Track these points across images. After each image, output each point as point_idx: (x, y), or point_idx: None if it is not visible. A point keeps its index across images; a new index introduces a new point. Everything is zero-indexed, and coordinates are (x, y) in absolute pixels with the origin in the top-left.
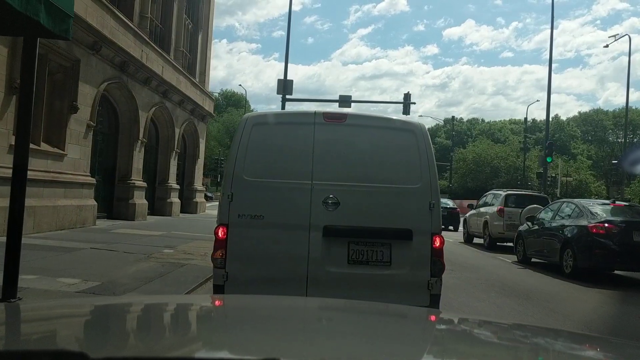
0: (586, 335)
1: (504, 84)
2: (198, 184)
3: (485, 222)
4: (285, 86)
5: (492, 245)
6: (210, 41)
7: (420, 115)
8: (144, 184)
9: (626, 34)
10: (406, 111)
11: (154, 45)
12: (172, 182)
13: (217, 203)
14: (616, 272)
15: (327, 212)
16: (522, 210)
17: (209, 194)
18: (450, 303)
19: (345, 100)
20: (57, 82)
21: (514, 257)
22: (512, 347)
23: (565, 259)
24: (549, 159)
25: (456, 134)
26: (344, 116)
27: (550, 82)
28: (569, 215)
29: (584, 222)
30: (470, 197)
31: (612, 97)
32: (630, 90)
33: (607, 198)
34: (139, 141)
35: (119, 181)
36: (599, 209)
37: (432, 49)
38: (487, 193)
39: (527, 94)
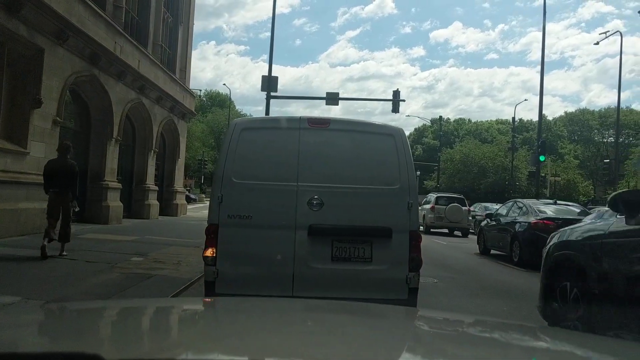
0: (557, 329)
1: (490, 85)
2: (178, 185)
3: (424, 215)
4: (269, 83)
5: (428, 231)
6: (191, 37)
7: (408, 115)
8: (119, 185)
9: (617, 31)
10: (395, 109)
11: (128, 37)
12: (150, 183)
13: (200, 205)
14: None
15: (312, 212)
16: (446, 207)
17: (192, 196)
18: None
19: (332, 98)
20: (17, 73)
21: (476, 249)
22: (492, 344)
23: (514, 250)
24: (541, 158)
25: (443, 134)
26: (327, 121)
27: (542, 80)
28: (519, 213)
29: (528, 219)
30: None
31: (596, 98)
32: (613, 91)
33: (594, 198)
34: (113, 139)
35: (91, 182)
36: (544, 207)
37: (419, 51)
38: (429, 194)
39: (513, 95)
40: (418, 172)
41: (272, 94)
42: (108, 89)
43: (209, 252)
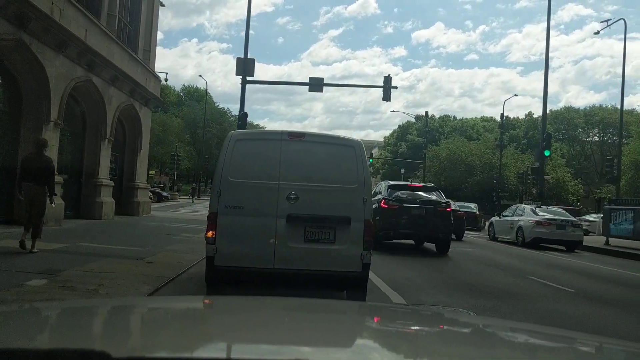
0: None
1: (470, 86)
2: (141, 180)
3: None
4: (245, 66)
5: None
6: (157, 15)
7: (393, 111)
8: (59, 179)
9: (621, 19)
10: (386, 97)
11: (72, 0)
12: (104, 177)
13: (172, 203)
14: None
15: (290, 204)
16: None
17: (164, 193)
18: None
19: (316, 84)
20: None
21: None
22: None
23: None
24: (547, 153)
25: (428, 131)
26: (303, 135)
27: (547, 70)
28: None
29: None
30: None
31: (573, 100)
32: (590, 92)
33: (580, 198)
34: (52, 123)
35: None
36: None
37: (400, 51)
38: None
39: (493, 96)
40: (403, 170)
41: (249, 78)
42: (44, 61)
43: (210, 234)
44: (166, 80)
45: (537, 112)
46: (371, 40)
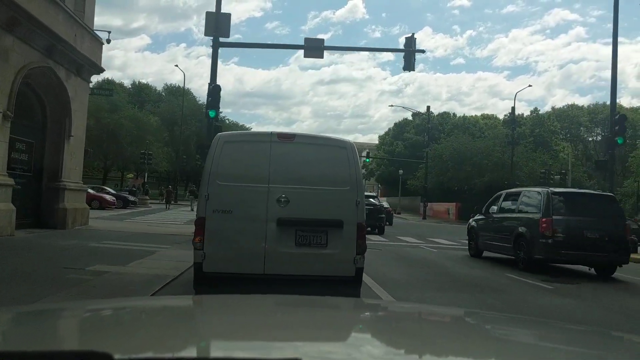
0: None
1: (457, 90)
2: (72, 178)
3: None
4: (217, 22)
5: None
6: None
7: (391, 105)
8: None
9: None
10: (409, 65)
11: None
12: None
13: (140, 209)
14: None
15: (280, 207)
16: None
17: (131, 198)
18: None
19: (314, 48)
20: None
21: None
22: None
23: None
24: (619, 140)
25: (429, 127)
26: (293, 136)
27: (616, 37)
28: None
29: None
30: (447, 199)
31: (559, 103)
32: (575, 95)
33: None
34: None
35: None
36: None
37: (388, 55)
38: None
39: (480, 100)
40: (401, 171)
41: (222, 40)
42: None
43: (198, 239)
44: (108, 41)
45: (527, 114)
46: (359, 45)
